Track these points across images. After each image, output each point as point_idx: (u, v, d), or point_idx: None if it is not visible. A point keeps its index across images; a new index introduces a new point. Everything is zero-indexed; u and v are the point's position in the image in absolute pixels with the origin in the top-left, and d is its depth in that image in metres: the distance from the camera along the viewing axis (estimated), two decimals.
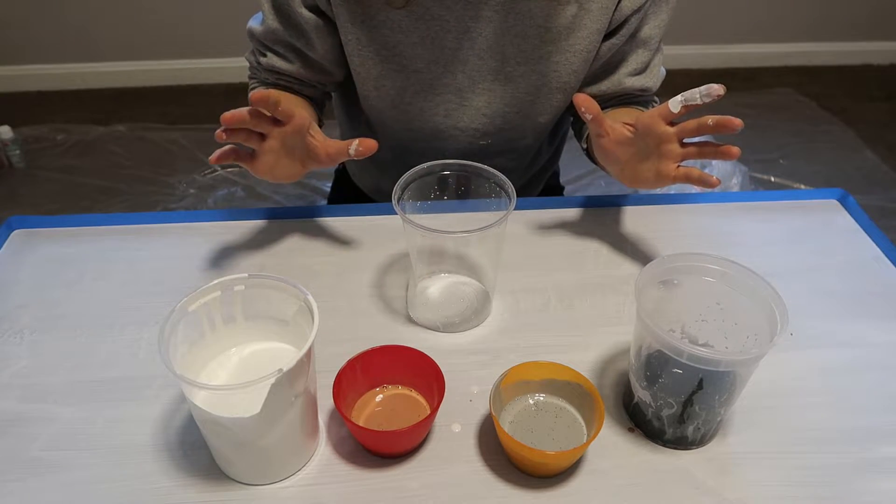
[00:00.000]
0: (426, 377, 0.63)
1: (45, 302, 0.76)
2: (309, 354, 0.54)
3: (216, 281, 0.58)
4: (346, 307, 0.76)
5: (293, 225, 0.87)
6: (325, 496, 0.58)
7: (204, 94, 2.71)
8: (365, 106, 0.89)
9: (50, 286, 0.78)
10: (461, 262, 0.76)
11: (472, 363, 0.70)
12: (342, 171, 1.16)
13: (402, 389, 0.65)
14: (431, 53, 0.82)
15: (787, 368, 0.70)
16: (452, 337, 0.73)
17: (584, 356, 0.71)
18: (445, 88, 0.86)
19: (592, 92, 0.89)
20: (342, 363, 0.62)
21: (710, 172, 0.69)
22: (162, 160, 2.33)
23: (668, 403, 0.60)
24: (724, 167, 2.09)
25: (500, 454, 0.61)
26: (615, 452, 0.62)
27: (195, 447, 0.61)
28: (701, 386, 0.57)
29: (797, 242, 0.87)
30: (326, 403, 0.64)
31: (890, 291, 0.80)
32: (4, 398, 0.65)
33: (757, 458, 0.62)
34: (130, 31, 2.61)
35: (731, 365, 0.56)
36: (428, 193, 0.72)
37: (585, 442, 0.58)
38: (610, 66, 0.88)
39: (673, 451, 0.62)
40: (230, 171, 2.27)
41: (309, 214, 0.89)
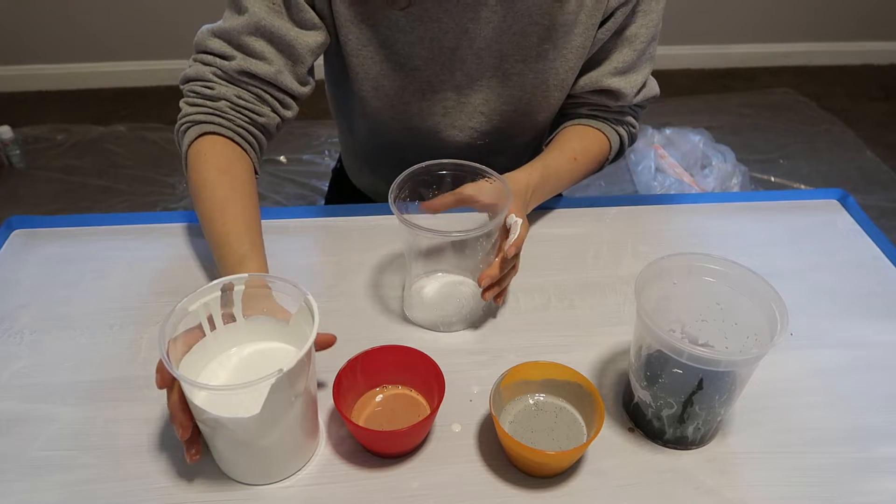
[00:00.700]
0: (426, 377, 0.63)
1: (45, 302, 0.76)
2: (309, 354, 0.54)
3: (216, 281, 0.58)
4: (345, 307, 0.76)
5: (292, 225, 0.87)
6: (325, 496, 0.58)
7: None
8: (363, 106, 0.89)
9: (50, 286, 0.78)
10: (458, 261, 0.76)
11: (472, 363, 0.70)
12: (339, 169, 1.16)
13: (402, 389, 0.65)
14: (430, 53, 0.82)
15: (787, 368, 0.70)
16: (452, 337, 0.73)
17: (584, 356, 0.71)
18: (444, 87, 0.86)
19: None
20: (342, 363, 0.62)
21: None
22: (162, 160, 2.33)
23: (668, 403, 0.60)
24: (724, 167, 2.09)
25: (500, 454, 0.61)
26: (615, 452, 0.62)
27: None
28: (701, 386, 0.57)
29: (797, 242, 0.87)
30: (326, 403, 0.64)
31: (889, 291, 0.80)
32: (4, 398, 0.65)
33: (757, 458, 0.62)
34: (131, 31, 2.61)
35: (731, 365, 0.56)
36: (425, 193, 0.72)
37: (585, 442, 0.58)
38: (592, 62, 0.86)
39: (673, 451, 0.62)
40: None
41: (308, 214, 0.89)
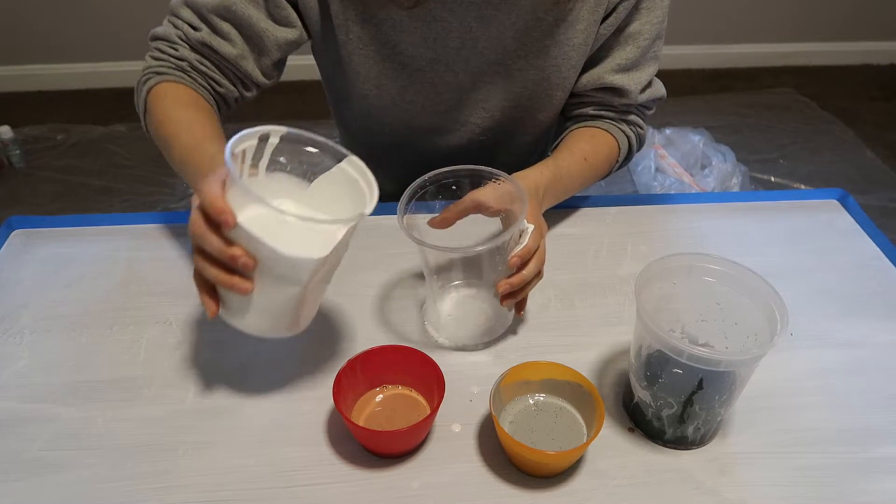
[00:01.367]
0: (426, 377, 0.63)
1: (45, 302, 0.76)
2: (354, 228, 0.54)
3: (256, 129, 0.55)
4: (346, 307, 0.76)
5: None
6: (325, 496, 0.58)
7: None
8: (364, 105, 0.89)
9: (50, 286, 0.78)
10: (480, 272, 0.73)
11: (472, 363, 0.70)
12: None
13: (402, 389, 0.65)
14: (434, 53, 0.82)
15: (786, 368, 0.70)
16: None
17: (584, 356, 0.70)
18: (447, 87, 0.86)
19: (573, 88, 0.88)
20: (342, 363, 0.62)
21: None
22: (162, 160, 2.31)
23: (668, 403, 0.60)
24: (724, 167, 2.09)
25: (500, 454, 0.61)
26: (615, 452, 0.62)
27: (195, 447, 0.61)
28: (701, 386, 0.57)
29: (797, 242, 0.87)
30: (326, 403, 0.64)
31: (889, 291, 0.80)
32: (4, 398, 0.65)
33: (757, 458, 0.62)
34: (131, 31, 2.61)
35: (731, 365, 0.56)
36: (432, 205, 0.69)
37: (585, 442, 0.58)
38: (594, 59, 0.86)
39: (673, 451, 0.62)
40: None
41: None
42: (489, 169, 0.68)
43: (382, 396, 0.65)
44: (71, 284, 0.78)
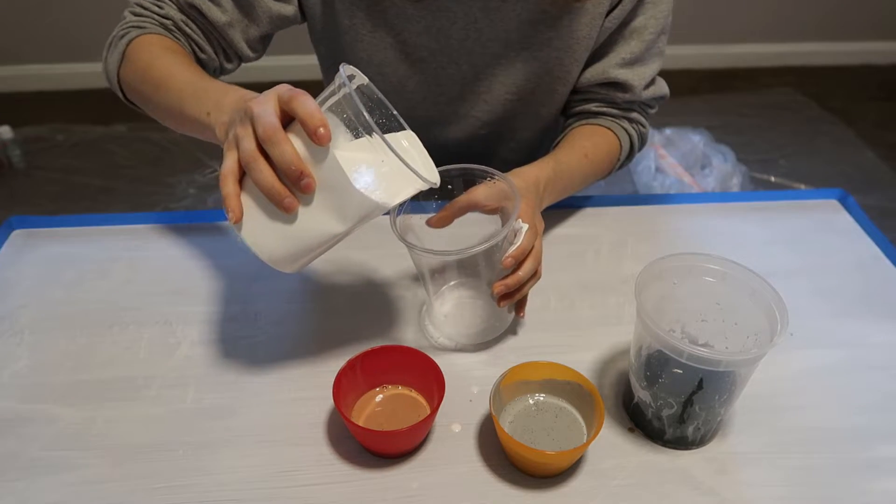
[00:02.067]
0: (426, 377, 0.63)
1: (45, 302, 0.76)
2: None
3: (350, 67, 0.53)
4: (345, 307, 0.76)
5: None
6: (325, 496, 0.58)
7: None
8: None
9: (50, 286, 0.78)
10: (476, 272, 0.73)
11: (472, 363, 0.70)
12: None
13: (402, 389, 0.65)
14: (437, 44, 0.81)
15: (786, 368, 0.70)
16: None
17: (584, 356, 0.70)
18: (449, 79, 0.85)
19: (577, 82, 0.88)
20: (342, 363, 0.62)
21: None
22: (162, 160, 2.33)
23: (668, 403, 0.60)
24: (724, 167, 2.09)
25: (500, 454, 0.61)
26: (615, 452, 0.62)
27: (195, 447, 0.61)
28: (701, 386, 0.57)
29: (797, 242, 0.87)
30: (326, 403, 0.64)
31: (889, 291, 0.80)
32: (4, 398, 0.65)
33: (757, 458, 0.62)
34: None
35: (731, 365, 0.56)
36: (427, 205, 0.69)
37: (585, 442, 0.58)
38: (598, 53, 0.86)
39: (673, 451, 0.62)
40: None
41: None
42: (482, 167, 0.67)
43: (382, 396, 0.65)
44: (71, 284, 0.78)
